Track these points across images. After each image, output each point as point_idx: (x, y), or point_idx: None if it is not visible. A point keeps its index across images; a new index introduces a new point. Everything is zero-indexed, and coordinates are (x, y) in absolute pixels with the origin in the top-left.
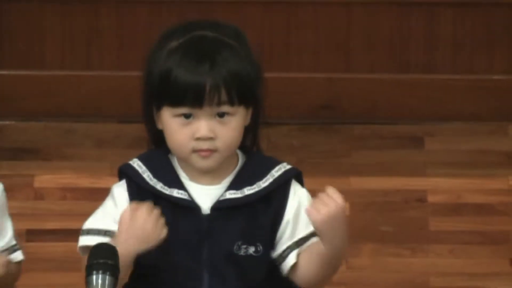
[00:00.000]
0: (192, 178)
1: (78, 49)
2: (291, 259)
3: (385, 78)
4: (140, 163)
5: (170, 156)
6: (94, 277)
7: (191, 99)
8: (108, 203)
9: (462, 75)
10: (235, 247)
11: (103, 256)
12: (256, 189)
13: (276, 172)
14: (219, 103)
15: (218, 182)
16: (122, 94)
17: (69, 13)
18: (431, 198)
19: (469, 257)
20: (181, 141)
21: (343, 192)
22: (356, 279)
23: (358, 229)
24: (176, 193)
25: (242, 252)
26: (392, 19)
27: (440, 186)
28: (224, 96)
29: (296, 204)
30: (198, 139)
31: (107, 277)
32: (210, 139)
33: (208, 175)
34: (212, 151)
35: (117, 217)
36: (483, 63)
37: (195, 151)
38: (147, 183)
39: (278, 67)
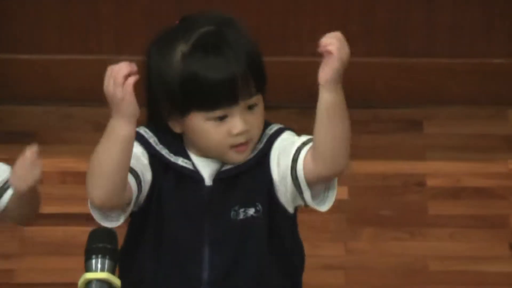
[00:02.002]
0: (193, 151)
1: (77, 33)
2: (302, 154)
3: (384, 62)
4: (146, 129)
5: None
6: (94, 261)
7: (226, 98)
8: None
9: (461, 59)
10: (232, 213)
11: (102, 240)
12: (255, 152)
13: (269, 130)
14: (251, 94)
15: None
16: None
17: None
18: (430, 182)
19: (468, 241)
20: (218, 140)
21: (342, 176)
22: (355, 263)
23: (357, 213)
24: (181, 161)
25: (241, 216)
26: (391, 3)
27: (439, 170)
28: (253, 85)
29: (280, 146)
30: (236, 135)
31: (106, 261)
32: (246, 132)
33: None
34: (248, 142)
35: (140, 151)
36: (482, 46)
37: (232, 147)
38: (154, 148)
39: (276, 51)
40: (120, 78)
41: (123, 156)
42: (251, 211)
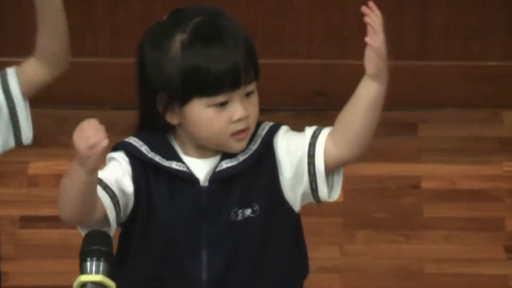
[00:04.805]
0: (187, 153)
1: (72, 36)
2: (319, 148)
3: None
4: (136, 139)
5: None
6: (88, 263)
7: (228, 83)
8: (109, 163)
9: (456, 61)
10: (232, 214)
11: (97, 243)
12: (250, 153)
13: (262, 131)
14: (250, 79)
15: (212, 155)
16: (116, 81)
17: None
18: (425, 185)
19: (463, 243)
20: (220, 127)
21: None
22: (350, 266)
23: (352, 216)
24: (175, 165)
25: (240, 217)
26: (386, 5)
27: (434, 173)
28: (252, 71)
29: (284, 144)
30: (237, 121)
31: (101, 263)
32: (246, 118)
33: (203, 148)
34: (247, 129)
35: (121, 171)
36: (476, 49)
37: (233, 134)
38: (145, 155)
39: (272, 54)
40: (93, 141)
41: (85, 195)
42: (248, 212)
